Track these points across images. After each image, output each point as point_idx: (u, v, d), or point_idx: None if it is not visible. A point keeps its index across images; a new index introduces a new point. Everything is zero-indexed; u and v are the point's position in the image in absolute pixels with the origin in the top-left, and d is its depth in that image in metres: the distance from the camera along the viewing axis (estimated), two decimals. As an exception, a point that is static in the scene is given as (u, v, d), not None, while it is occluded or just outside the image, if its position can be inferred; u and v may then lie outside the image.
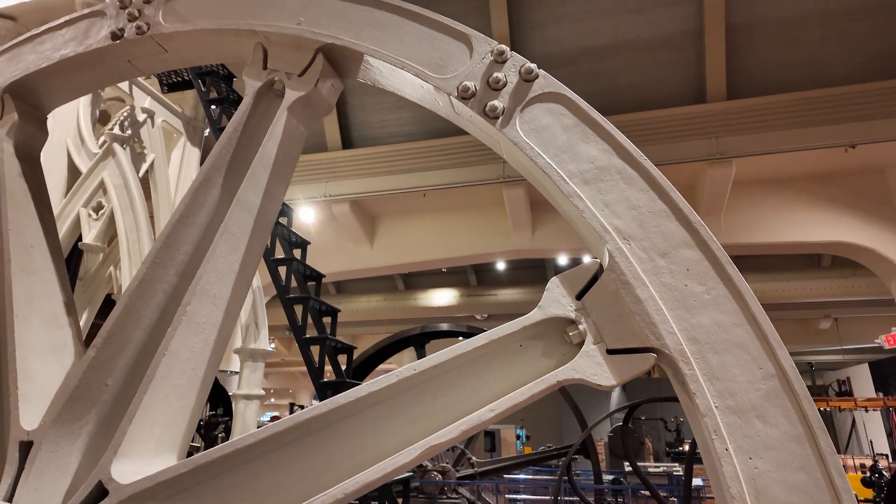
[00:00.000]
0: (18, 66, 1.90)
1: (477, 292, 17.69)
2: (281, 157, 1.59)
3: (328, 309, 1.98)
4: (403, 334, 6.40)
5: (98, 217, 2.66)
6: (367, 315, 17.75)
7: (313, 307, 1.94)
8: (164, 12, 1.79)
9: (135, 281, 1.47)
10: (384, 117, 10.68)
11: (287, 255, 2.68)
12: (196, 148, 3.91)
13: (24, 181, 1.85)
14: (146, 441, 1.34)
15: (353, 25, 1.60)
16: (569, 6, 9.47)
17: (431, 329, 6.66)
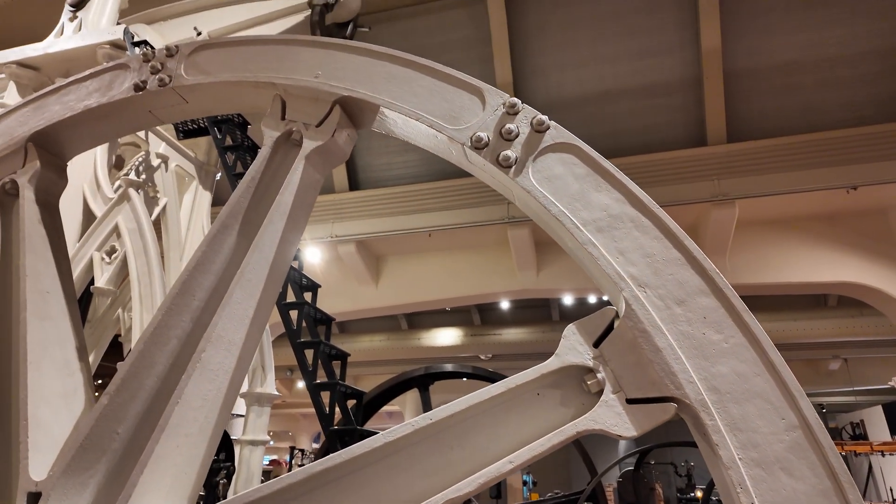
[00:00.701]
0: (43, 115, 1.96)
1: (481, 332, 17.55)
2: (298, 204, 1.62)
3: (338, 353, 1.96)
4: (407, 375, 6.31)
5: (111, 261, 2.69)
6: (369, 355, 17.58)
7: (323, 351, 1.93)
8: (185, 65, 1.86)
9: (150, 327, 1.47)
10: (390, 160, 10.89)
11: (298, 298, 2.69)
12: (207, 191, 3.97)
13: (43, 227, 1.88)
14: (156, 492, 1.31)
15: (369, 79, 1.66)
16: (570, 53, 9.78)
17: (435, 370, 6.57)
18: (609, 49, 9.62)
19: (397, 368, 14.62)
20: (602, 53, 9.66)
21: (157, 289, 2.42)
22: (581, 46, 9.77)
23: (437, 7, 9.89)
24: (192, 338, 1.52)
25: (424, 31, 10.00)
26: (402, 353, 17.47)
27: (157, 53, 1.88)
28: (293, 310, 2.10)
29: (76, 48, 3.40)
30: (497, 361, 19.63)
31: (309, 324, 2.11)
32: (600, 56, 9.67)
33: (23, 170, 1.90)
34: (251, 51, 1.83)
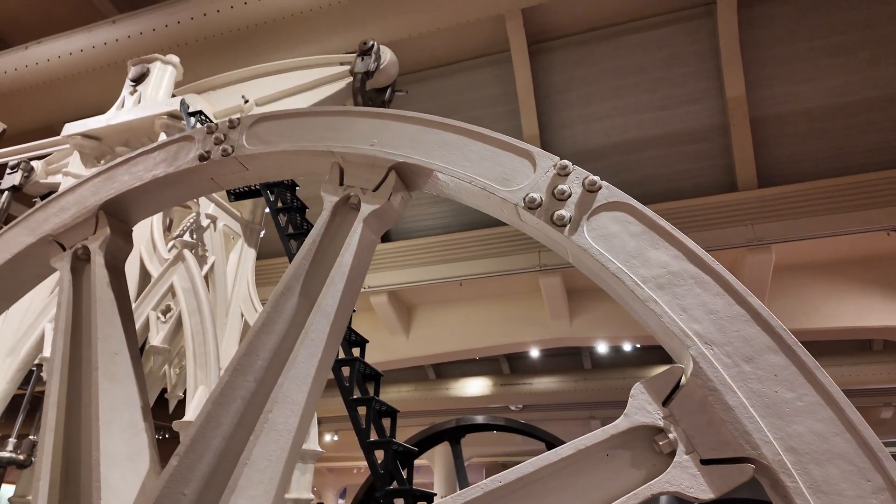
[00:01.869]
0: (113, 185, 2.09)
1: (510, 381, 17.17)
2: (356, 266, 1.69)
3: (388, 410, 1.97)
4: (437, 428, 6.20)
5: (166, 320, 2.79)
6: (397, 406, 17.28)
7: (374, 408, 1.93)
8: (247, 136, 1.98)
9: (217, 388, 1.52)
10: (421, 211, 11.11)
11: (346, 354, 2.72)
12: (252, 248, 4.12)
13: (112, 291, 1.97)
14: (223, 555, 1.32)
15: (422, 146, 1.74)
16: (594, 106, 10.00)
17: (467, 422, 6.43)
18: (633, 101, 9.82)
19: (425, 420, 14.34)
20: (626, 105, 9.85)
21: (210, 346, 2.49)
22: (605, 99, 9.99)
23: (465, 67, 10.30)
24: (257, 398, 1.56)
25: (453, 90, 10.39)
26: (430, 405, 17.16)
27: (220, 126, 2.02)
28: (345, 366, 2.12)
29: (136, 119, 3.65)
30: (529, 412, 19.10)
31: (358, 380, 2.13)
32: (624, 107, 9.86)
33: (94, 236, 2.01)
34: (310, 122, 1.94)
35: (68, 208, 2.08)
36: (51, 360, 1.82)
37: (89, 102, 8.61)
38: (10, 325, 3.06)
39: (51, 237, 2.04)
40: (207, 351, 2.48)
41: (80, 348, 1.86)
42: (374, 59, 3.92)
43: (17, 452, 3.20)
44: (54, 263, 2.03)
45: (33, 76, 8.91)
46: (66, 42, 8.75)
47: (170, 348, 2.87)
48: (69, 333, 1.86)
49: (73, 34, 8.82)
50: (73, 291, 1.96)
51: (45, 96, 9.05)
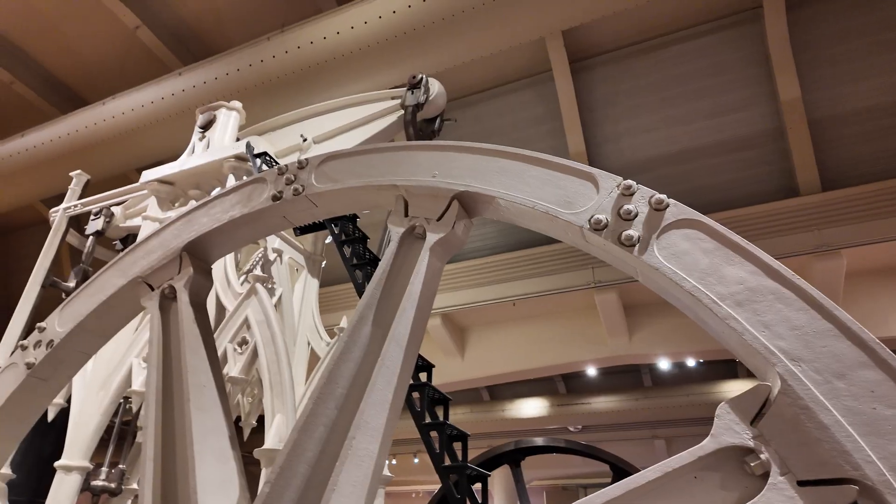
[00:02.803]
0: (194, 227, 2.24)
1: (567, 401, 16.73)
2: (425, 292, 1.74)
3: (459, 434, 1.99)
4: (496, 451, 6.11)
5: (242, 351, 2.95)
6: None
7: (446, 433, 1.96)
8: (315, 175, 2.08)
9: (302, 417, 1.59)
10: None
11: (414, 379, 2.77)
12: (315, 279, 4.29)
13: (197, 326, 2.10)
14: (316, 579, 1.37)
15: (482, 174, 1.80)
16: (640, 119, 9.87)
17: (527, 444, 6.32)
18: (680, 111, 9.63)
19: (481, 442, 14.14)
20: (673, 116, 9.66)
21: (285, 375, 2.60)
22: (651, 111, 9.85)
23: (506, 91, 10.42)
24: (338, 425, 1.62)
25: (495, 114, 10.51)
26: (485, 427, 16.91)
27: (290, 167, 2.14)
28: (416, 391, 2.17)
29: (206, 163, 3.90)
30: (588, 433, 18.55)
31: (426, 404, 2.17)
32: (671, 118, 9.68)
33: (178, 276, 2.15)
34: (373, 158, 2.04)
35: (154, 251, 2.23)
36: (146, 393, 1.95)
37: (161, 149, 9.27)
38: (101, 362, 3.30)
39: (140, 279, 2.19)
40: (283, 380, 2.59)
41: (171, 381, 1.99)
42: (424, 91, 4.05)
43: (109, 481, 3.41)
44: (144, 303, 2.18)
45: (110, 129, 9.68)
46: (139, 95, 9.49)
47: (247, 378, 3.01)
48: (161, 368, 1.99)
49: (145, 87, 9.56)
50: (162, 328, 2.10)
51: (122, 146, 9.79)
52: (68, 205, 4.65)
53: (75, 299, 2.31)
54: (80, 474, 3.06)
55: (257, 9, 10.43)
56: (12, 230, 17.36)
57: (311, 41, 7.96)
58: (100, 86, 11.52)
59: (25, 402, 2.28)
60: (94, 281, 2.33)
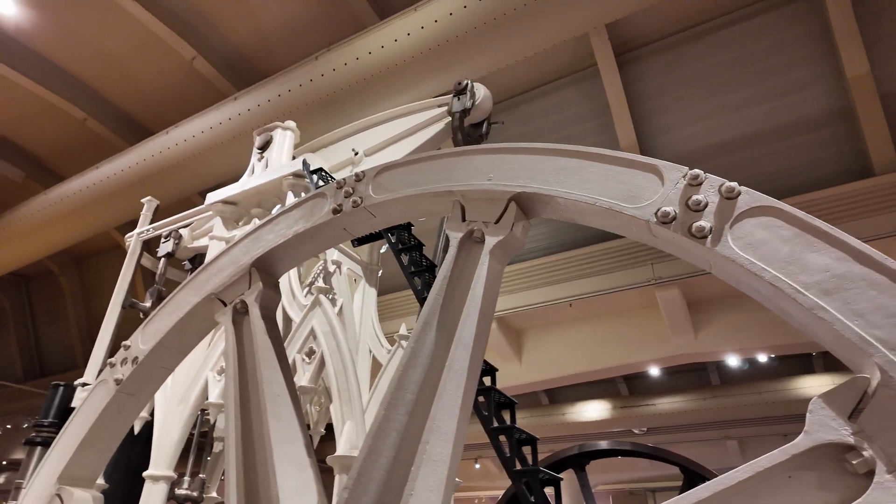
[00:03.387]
0: (261, 244, 2.32)
1: (631, 403, 16.21)
2: (487, 296, 1.74)
3: (528, 438, 1.97)
4: (559, 455, 5.99)
5: (310, 361, 3.04)
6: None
7: (515, 437, 1.94)
8: (372, 187, 2.12)
9: (374, 423, 1.62)
10: (519, 237, 11.06)
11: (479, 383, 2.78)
12: (373, 288, 4.38)
13: (269, 338, 2.18)
14: (398, 584, 1.39)
15: (539, 174, 1.78)
16: (693, 107, 9.51)
17: (591, 448, 6.16)
18: (736, 96, 9.21)
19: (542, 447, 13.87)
20: (728, 102, 9.26)
21: (352, 383, 2.67)
22: (704, 98, 9.48)
23: (550, 89, 10.30)
24: (410, 431, 1.64)
25: (540, 113, 10.41)
26: (546, 431, 16.57)
27: (347, 180, 2.19)
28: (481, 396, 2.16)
29: (266, 183, 4.06)
30: (655, 435, 17.91)
31: (492, 409, 2.16)
32: (726, 105, 9.27)
33: (249, 291, 2.24)
34: (427, 166, 2.06)
35: (225, 268, 2.33)
36: (226, 404, 2.04)
37: (222, 172, 9.75)
38: (179, 376, 3.48)
39: (213, 295, 2.29)
40: (350, 388, 2.65)
41: (248, 392, 2.07)
42: (470, 96, 4.06)
43: (191, 489, 3.59)
44: (218, 318, 2.29)
45: (175, 156, 10.27)
46: (199, 122, 10.02)
47: (316, 387, 3.10)
48: (238, 380, 2.08)
49: (204, 114, 10.09)
50: (236, 342, 2.19)
51: (185, 171, 10.37)
52: (141, 229, 4.94)
53: (155, 318, 2.44)
54: (167, 483, 3.24)
55: (303, 31, 10.80)
56: (89, 256, 18.66)
57: (356, 57, 8.17)
58: (163, 116, 12.23)
59: (116, 416, 2.42)
60: (172, 300, 2.45)
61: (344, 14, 10.20)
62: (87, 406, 2.40)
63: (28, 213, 13.76)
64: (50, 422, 3.98)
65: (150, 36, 11.34)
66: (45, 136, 14.76)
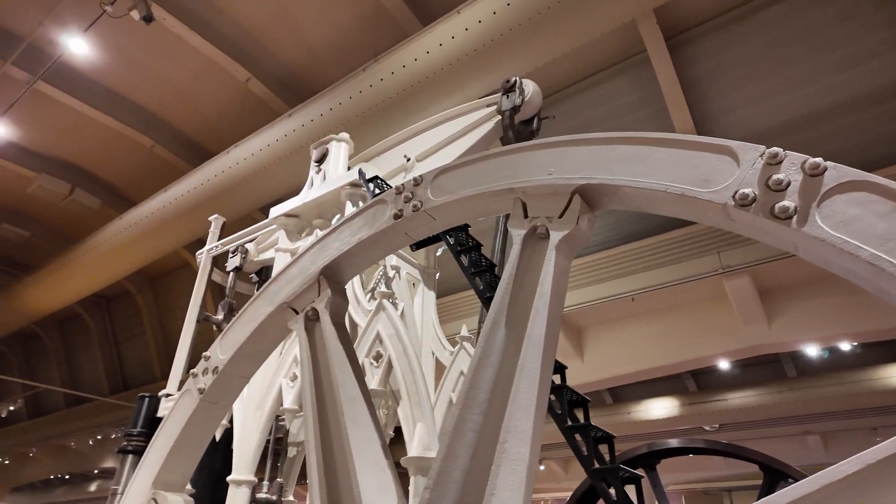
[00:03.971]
0: (327, 253, 2.37)
1: (700, 399, 15.52)
2: (556, 292, 1.71)
3: (605, 435, 1.92)
4: (628, 455, 5.81)
5: (378, 364, 3.11)
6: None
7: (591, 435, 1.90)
8: (431, 190, 2.13)
9: (451, 422, 1.63)
10: (575, 232, 10.86)
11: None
12: (431, 291, 4.42)
13: (340, 343, 2.23)
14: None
15: (602, 164, 1.74)
16: (756, 86, 9.05)
17: (660, 447, 5.94)
18: (802, 70, 8.68)
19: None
20: (795, 76, 8.73)
21: (420, 385, 2.70)
22: (765, 76, 8.99)
23: (597, 81, 10.07)
24: (486, 429, 1.64)
25: (589, 106, 10.20)
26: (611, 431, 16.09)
27: (406, 185, 2.21)
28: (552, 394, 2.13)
29: (325, 194, 4.18)
30: (728, 432, 17.10)
31: (564, 407, 2.12)
32: (793, 80, 8.75)
33: (318, 298, 2.30)
34: (485, 165, 2.05)
35: (295, 278, 2.40)
36: (304, 409, 2.11)
37: (281, 187, 10.14)
38: (254, 384, 3.63)
39: (285, 304, 2.37)
40: (419, 390, 2.68)
41: (324, 396, 2.13)
42: (519, 93, 4.03)
43: (270, 493, 3.73)
44: (291, 325, 2.37)
45: (236, 174, 10.76)
46: (257, 141, 10.47)
47: (385, 390, 3.16)
48: (314, 385, 2.15)
49: (261, 133, 10.53)
50: (309, 348, 2.26)
51: (247, 188, 10.84)
52: (210, 246, 5.18)
53: (232, 328, 2.54)
54: (248, 487, 3.38)
55: (349, 45, 11.08)
56: (162, 275, 19.79)
57: (403, 65, 8.29)
58: (222, 137, 12.84)
59: (201, 424, 2.54)
60: (247, 311, 2.55)
61: (388, 24, 10.38)
62: (174, 415, 2.54)
63: (105, 237, 14.77)
64: (139, 431, 4.22)
65: (206, 62, 11.95)
66: (116, 165, 15.81)
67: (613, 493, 1.84)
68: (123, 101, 13.70)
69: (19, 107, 12.29)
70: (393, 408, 3.51)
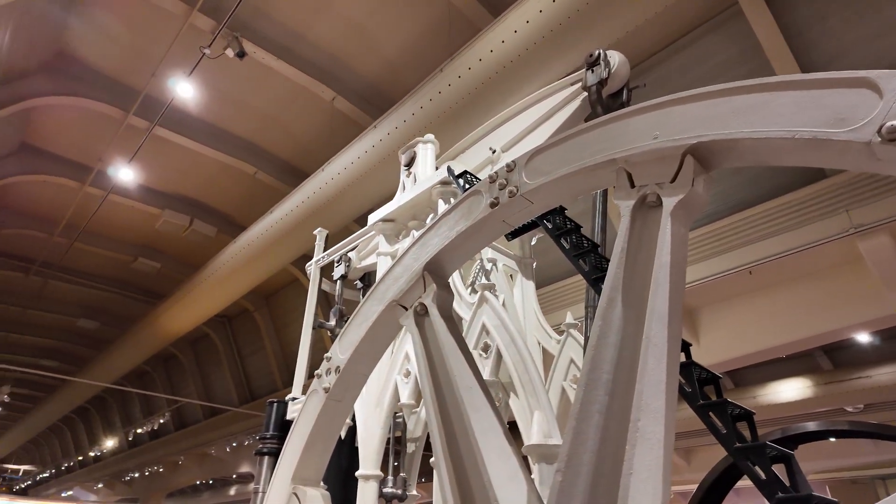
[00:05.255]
0: (428, 249, 2.40)
1: (837, 377, 13.93)
2: (676, 262, 1.62)
3: (743, 412, 1.76)
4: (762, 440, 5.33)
5: (487, 356, 3.12)
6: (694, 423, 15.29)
7: (728, 412, 1.75)
8: (526, 173, 2.09)
9: (576, 405, 1.59)
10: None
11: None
12: (530, 280, 4.36)
13: (451, 335, 2.26)
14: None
15: (715, 119, 1.62)
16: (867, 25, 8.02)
17: (796, 431, 5.40)
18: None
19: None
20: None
21: (532, 373, 2.68)
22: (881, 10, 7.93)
23: (685, 44, 9.42)
24: (612, 410, 1.58)
25: (679, 72, 9.56)
26: (737, 418, 14.91)
27: (499, 173, 2.19)
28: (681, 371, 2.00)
29: (417, 195, 4.27)
30: (874, 412, 15.22)
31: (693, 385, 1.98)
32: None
33: (425, 293, 2.34)
34: (581, 140, 1.98)
35: (400, 276, 2.46)
36: (424, 401, 2.16)
37: (374, 196, 10.56)
38: (371, 383, 3.78)
39: (395, 302, 2.43)
40: (532, 378, 2.65)
41: (442, 388, 2.16)
42: (604, 66, 3.86)
43: (396, 487, 3.86)
44: (402, 322, 2.43)
45: (331, 190, 11.38)
46: (347, 155, 10.98)
47: (497, 380, 3.16)
48: (430, 377, 2.19)
49: (350, 147, 11.05)
50: (422, 342, 2.31)
51: (342, 201, 11.43)
52: (317, 258, 5.49)
53: (348, 329, 2.66)
54: (376, 481, 3.52)
55: (424, 49, 11.29)
56: (274, 292, 21.29)
57: (479, 59, 8.27)
58: (315, 157, 13.59)
59: (329, 421, 2.69)
60: (360, 312, 2.66)
61: (459, 22, 10.44)
62: (304, 414, 2.71)
63: (223, 262, 16.16)
64: (271, 434, 4.54)
65: (294, 87, 12.71)
66: (226, 194, 17.26)
67: (761, 473, 1.70)
68: (226, 135, 14.94)
69: (142, 152, 13.80)
70: (504, 400, 3.50)
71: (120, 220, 18.25)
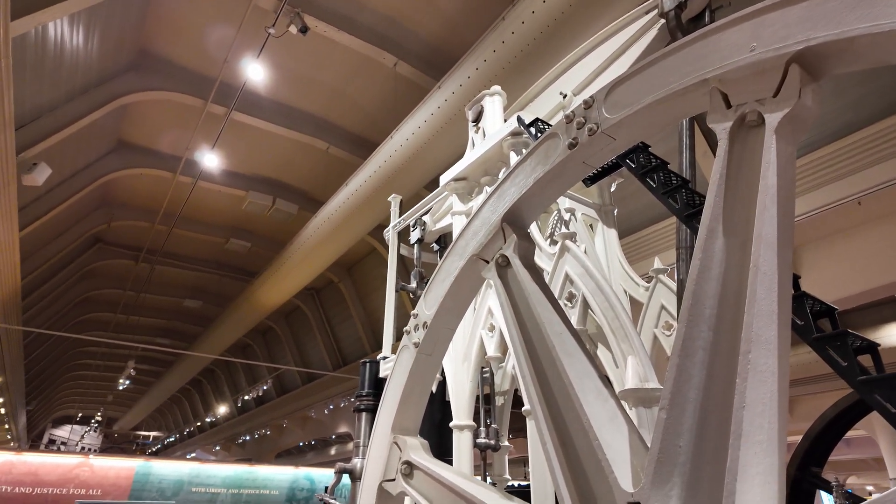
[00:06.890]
0: (505, 199, 2.35)
1: (959, 319, 12.52)
2: (783, 184, 1.48)
3: (866, 344, 1.60)
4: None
5: (573, 305, 3.07)
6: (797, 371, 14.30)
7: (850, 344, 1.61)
8: (605, 108, 1.97)
9: (678, 342, 1.52)
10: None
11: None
12: (612, 228, 4.20)
13: (536, 284, 2.22)
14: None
15: (824, 19, 1.43)
16: None
17: None
18: None
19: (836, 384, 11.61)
20: None
21: (623, 319, 2.60)
22: None
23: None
24: (717, 347, 1.50)
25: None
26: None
27: (576, 111, 2.08)
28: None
29: (488, 151, 4.20)
30: None
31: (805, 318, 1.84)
32: None
33: (506, 245, 2.31)
34: (665, 64, 1.83)
35: (479, 230, 2.44)
36: (513, 350, 2.16)
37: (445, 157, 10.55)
38: (457, 338, 3.85)
39: (475, 256, 2.42)
40: (623, 323, 2.58)
41: (530, 336, 2.15)
42: (682, -13, 3.55)
43: (489, 438, 3.96)
44: (485, 274, 2.42)
45: (402, 156, 11.47)
46: (415, 120, 10.98)
47: (585, 329, 3.11)
48: (518, 326, 2.18)
49: (417, 111, 11.02)
50: (506, 293, 2.30)
51: (414, 166, 11.50)
52: (394, 223, 5.58)
53: (432, 285, 2.69)
54: (470, 431, 3.62)
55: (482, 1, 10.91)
56: (356, 262, 22.10)
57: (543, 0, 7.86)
58: (383, 125, 13.72)
59: (422, 374, 2.77)
60: (442, 268, 2.68)
61: (517, -35, 9.96)
62: (398, 369, 2.81)
63: (306, 237, 16.92)
64: (367, 392, 4.77)
65: (356, 57, 12.79)
66: (302, 171, 17.92)
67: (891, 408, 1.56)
68: (296, 113, 15.39)
69: (222, 137, 14.55)
70: (591, 351, 3.44)
71: (210, 205, 19.52)
